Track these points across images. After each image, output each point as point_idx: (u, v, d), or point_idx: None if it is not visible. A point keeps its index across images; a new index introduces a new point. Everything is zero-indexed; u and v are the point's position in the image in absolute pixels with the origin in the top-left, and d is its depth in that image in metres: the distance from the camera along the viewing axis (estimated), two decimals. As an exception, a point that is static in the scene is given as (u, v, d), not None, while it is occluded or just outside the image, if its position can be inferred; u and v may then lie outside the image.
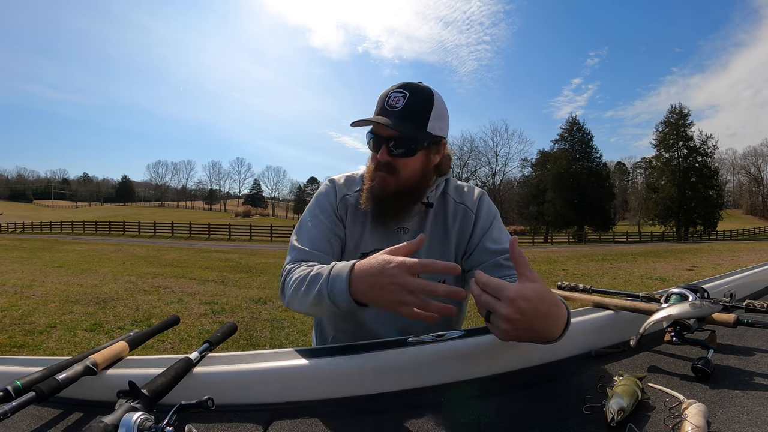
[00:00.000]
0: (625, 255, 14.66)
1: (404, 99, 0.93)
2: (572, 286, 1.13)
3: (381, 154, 0.94)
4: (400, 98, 0.94)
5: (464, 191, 1.09)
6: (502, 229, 1.06)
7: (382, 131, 0.95)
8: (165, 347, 3.95)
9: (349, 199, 1.06)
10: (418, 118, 0.94)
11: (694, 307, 0.81)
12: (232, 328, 0.89)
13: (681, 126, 42.73)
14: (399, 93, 0.94)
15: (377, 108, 0.96)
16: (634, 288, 6.88)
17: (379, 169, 0.97)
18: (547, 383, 0.73)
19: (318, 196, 1.09)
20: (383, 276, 0.69)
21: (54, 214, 70.42)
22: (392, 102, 0.93)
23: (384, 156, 0.94)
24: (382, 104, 0.95)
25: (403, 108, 0.93)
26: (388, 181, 0.96)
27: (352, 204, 1.06)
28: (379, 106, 0.96)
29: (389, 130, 0.93)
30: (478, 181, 50.79)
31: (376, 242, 1.03)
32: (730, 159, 71.00)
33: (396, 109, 0.93)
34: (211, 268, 9.83)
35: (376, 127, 0.96)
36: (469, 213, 1.05)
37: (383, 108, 0.94)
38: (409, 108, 0.93)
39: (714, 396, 0.65)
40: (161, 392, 0.58)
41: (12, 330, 4.46)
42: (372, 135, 0.97)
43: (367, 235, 1.04)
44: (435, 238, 1.05)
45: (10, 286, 7.07)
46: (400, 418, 0.62)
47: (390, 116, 0.93)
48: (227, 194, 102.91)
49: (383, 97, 0.96)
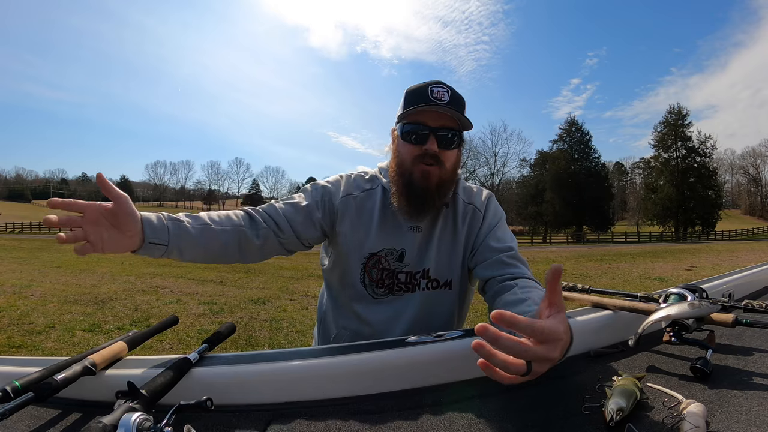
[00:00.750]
0: (624, 255, 14.67)
1: (448, 94, 0.94)
2: (571, 286, 1.13)
3: (431, 145, 0.94)
4: (443, 92, 0.93)
5: (473, 192, 1.11)
6: (506, 230, 1.07)
7: (433, 122, 0.94)
8: (164, 347, 3.95)
9: (354, 198, 1.04)
10: (461, 112, 0.95)
11: (693, 307, 0.81)
12: (230, 328, 0.89)
13: (679, 126, 42.77)
14: (442, 87, 0.94)
15: (417, 99, 0.94)
16: (633, 288, 6.89)
17: (424, 160, 0.95)
18: (546, 383, 0.73)
19: (315, 183, 1.08)
20: None
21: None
22: (437, 95, 0.93)
23: (434, 146, 0.94)
24: (425, 97, 0.93)
25: (450, 101, 0.93)
26: (433, 174, 0.95)
27: (357, 203, 1.04)
28: (421, 99, 0.94)
29: (444, 120, 0.94)
30: (477, 181, 50.81)
31: (385, 241, 1.03)
32: (728, 159, 71.12)
33: (444, 102, 0.93)
34: (210, 269, 9.80)
35: (425, 117, 0.94)
36: (477, 213, 1.07)
37: (428, 100, 0.93)
38: (455, 102, 0.94)
39: (713, 396, 0.65)
40: (160, 392, 0.58)
41: (10, 330, 4.45)
42: (416, 125, 0.95)
43: (374, 235, 1.03)
44: (444, 238, 1.05)
45: (9, 286, 7.05)
46: (399, 419, 0.62)
47: (437, 107, 0.93)
48: (226, 194, 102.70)
49: (423, 91, 0.94)
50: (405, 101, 0.98)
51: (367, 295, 1.05)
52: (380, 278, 1.04)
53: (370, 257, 1.04)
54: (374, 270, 1.04)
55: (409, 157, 0.97)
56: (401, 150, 0.99)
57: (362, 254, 1.03)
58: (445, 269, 1.05)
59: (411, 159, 0.96)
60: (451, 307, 1.09)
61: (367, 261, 1.04)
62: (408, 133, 0.96)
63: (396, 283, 1.04)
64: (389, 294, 1.05)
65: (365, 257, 1.04)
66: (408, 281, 1.04)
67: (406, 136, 0.97)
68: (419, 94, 0.94)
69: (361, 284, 1.05)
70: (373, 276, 1.04)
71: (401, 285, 1.04)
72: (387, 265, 1.03)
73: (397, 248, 1.03)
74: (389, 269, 1.03)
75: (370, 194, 1.06)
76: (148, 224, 0.80)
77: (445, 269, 1.05)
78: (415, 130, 0.95)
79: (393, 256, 1.03)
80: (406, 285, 1.04)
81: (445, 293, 1.06)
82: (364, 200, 1.05)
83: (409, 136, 0.96)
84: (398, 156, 1.00)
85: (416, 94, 0.95)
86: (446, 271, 1.05)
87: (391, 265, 1.04)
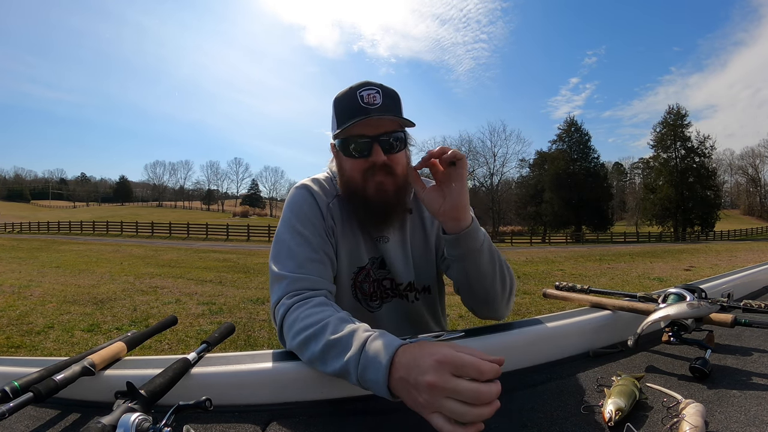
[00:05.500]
0: (623, 255, 14.68)
1: (380, 95, 0.87)
2: (570, 286, 1.13)
3: (377, 155, 0.86)
4: (375, 95, 0.86)
5: None
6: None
7: (372, 130, 0.86)
8: (163, 348, 3.94)
9: (333, 208, 0.95)
10: (398, 111, 0.90)
11: (692, 307, 0.82)
12: (230, 328, 0.89)
13: (678, 127, 42.82)
14: (372, 89, 0.87)
15: (349, 110, 0.87)
16: (632, 288, 6.90)
17: (373, 173, 0.88)
18: (545, 383, 0.73)
19: (294, 207, 0.92)
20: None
21: (51, 214, 70.19)
22: (369, 100, 0.86)
23: (380, 156, 0.86)
24: (356, 104, 0.86)
25: (383, 104, 0.86)
26: (387, 184, 0.89)
27: (338, 213, 0.95)
28: (353, 107, 0.86)
29: (384, 126, 0.87)
30: (476, 181, 50.88)
31: (369, 251, 0.99)
32: (727, 159, 71.26)
33: (376, 106, 0.86)
34: (209, 269, 9.81)
35: (362, 128, 0.86)
36: None
37: (360, 108, 0.86)
38: (388, 102, 0.88)
39: (712, 396, 0.65)
40: (159, 393, 0.58)
41: (9, 330, 4.44)
42: (355, 138, 0.87)
43: (361, 245, 0.98)
44: (417, 244, 1.02)
45: (8, 286, 7.04)
46: (398, 419, 0.61)
47: (374, 114, 0.86)
48: (225, 194, 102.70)
49: (352, 97, 0.87)
50: (336, 114, 0.90)
51: (362, 309, 1.00)
52: (372, 291, 1.00)
53: (360, 271, 0.98)
54: (365, 284, 0.99)
55: (357, 173, 0.89)
56: (346, 166, 0.91)
57: (351, 270, 0.97)
58: (424, 275, 1.03)
59: (360, 174, 0.89)
60: (434, 309, 1.08)
61: (357, 276, 0.98)
62: (348, 147, 0.88)
63: (383, 290, 1.01)
64: (382, 304, 1.02)
65: (354, 272, 0.98)
66: (393, 287, 1.02)
67: (347, 150, 0.89)
68: (349, 102, 0.87)
69: (355, 299, 0.99)
70: (365, 290, 1.00)
71: (388, 291, 1.01)
72: (374, 276, 1.00)
73: (376, 256, 1.00)
74: (376, 279, 1.00)
75: (341, 200, 0.96)
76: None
77: (424, 275, 1.03)
78: (355, 143, 0.87)
79: (375, 265, 1.00)
80: (392, 291, 1.02)
81: (426, 297, 1.05)
82: (339, 207, 0.96)
83: (351, 150, 0.88)
84: (345, 173, 0.92)
85: (346, 104, 0.88)
86: (425, 276, 1.04)
87: (376, 275, 1.00)
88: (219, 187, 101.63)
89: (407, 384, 0.55)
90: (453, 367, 0.52)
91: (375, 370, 0.58)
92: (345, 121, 0.87)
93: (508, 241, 31.82)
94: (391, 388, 0.57)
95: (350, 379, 0.62)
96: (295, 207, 0.92)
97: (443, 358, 0.52)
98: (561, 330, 0.86)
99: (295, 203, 0.93)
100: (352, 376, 0.62)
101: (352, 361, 0.62)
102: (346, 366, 0.62)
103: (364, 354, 0.61)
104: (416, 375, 0.53)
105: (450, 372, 0.51)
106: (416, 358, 0.55)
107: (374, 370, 0.58)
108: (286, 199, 0.97)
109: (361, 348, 0.62)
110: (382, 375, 0.57)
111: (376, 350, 0.60)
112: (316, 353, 0.67)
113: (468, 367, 0.51)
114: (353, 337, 0.64)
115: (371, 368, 0.59)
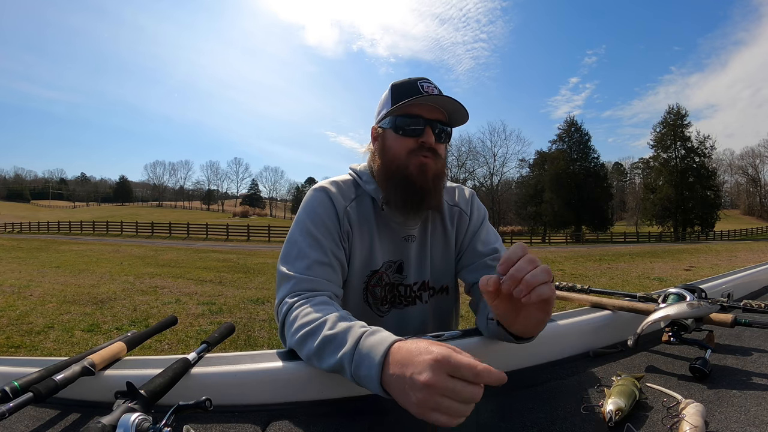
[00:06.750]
0: (623, 255, 14.68)
1: (437, 90, 0.91)
2: (570, 286, 1.14)
3: (428, 136, 0.90)
4: (433, 88, 0.91)
5: (455, 192, 1.07)
6: (490, 230, 1.06)
7: (427, 113, 0.91)
8: (163, 348, 3.94)
9: (351, 211, 0.94)
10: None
11: (692, 307, 0.82)
12: (229, 328, 0.89)
13: (678, 127, 42.84)
14: (430, 83, 0.92)
15: (408, 93, 0.90)
16: (632, 288, 6.90)
17: (421, 153, 0.90)
18: (546, 383, 0.73)
19: (309, 209, 0.92)
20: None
21: (51, 214, 70.16)
22: (428, 89, 0.90)
23: (431, 137, 0.90)
24: (416, 89, 0.90)
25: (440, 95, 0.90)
26: (430, 166, 0.91)
27: (355, 217, 0.94)
28: (413, 92, 0.90)
29: (437, 113, 0.91)
30: (476, 181, 50.92)
31: (385, 254, 0.98)
32: (727, 159, 71.25)
33: (435, 96, 0.90)
34: (209, 269, 9.80)
35: (419, 109, 0.91)
36: (464, 216, 1.04)
37: (420, 93, 0.89)
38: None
39: (712, 396, 0.65)
40: (159, 393, 0.58)
41: (9, 330, 4.44)
42: (410, 117, 0.91)
43: (377, 249, 0.96)
44: (437, 244, 1.03)
45: (8, 286, 7.04)
46: (397, 419, 0.61)
47: (434, 96, 0.90)
48: (225, 194, 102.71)
49: (412, 84, 0.91)
50: (393, 96, 0.93)
51: (371, 313, 0.99)
52: (383, 295, 0.99)
53: (372, 275, 0.97)
54: (377, 288, 0.98)
55: (404, 150, 0.91)
56: (393, 144, 0.93)
57: (364, 273, 0.96)
58: (442, 275, 1.04)
59: (405, 152, 0.91)
60: (450, 310, 1.08)
61: (369, 279, 0.97)
62: (402, 125, 0.91)
63: (397, 296, 1.00)
64: (392, 309, 1.01)
65: (367, 276, 0.97)
66: (408, 294, 1.01)
67: (400, 128, 0.92)
68: (410, 87, 0.91)
69: (365, 303, 0.98)
70: (377, 294, 0.98)
71: (401, 298, 1.00)
72: (388, 280, 0.99)
73: (395, 260, 0.99)
74: (390, 283, 0.99)
75: (360, 203, 0.96)
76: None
77: (442, 275, 1.04)
78: (409, 122, 0.91)
79: (392, 269, 0.99)
80: (406, 298, 1.01)
81: (444, 298, 1.05)
82: (358, 211, 0.96)
83: (404, 128, 0.91)
84: (389, 151, 0.94)
85: (406, 88, 0.92)
86: (443, 277, 1.04)
87: (391, 279, 0.99)
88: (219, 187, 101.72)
89: (401, 381, 0.55)
90: (450, 367, 0.51)
91: (368, 366, 0.59)
92: (403, 100, 0.90)
93: (508, 242, 31.81)
94: (383, 384, 0.57)
95: (345, 374, 0.63)
96: (310, 209, 0.92)
97: (440, 358, 0.52)
98: (561, 330, 0.86)
99: (311, 205, 0.93)
100: (346, 371, 0.62)
101: (347, 357, 0.62)
102: (340, 361, 0.63)
103: (359, 350, 0.61)
104: (412, 373, 0.53)
105: (447, 372, 0.51)
106: (412, 356, 0.55)
107: (367, 366, 0.59)
108: (302, 200, 0.97)
109: (355, 344, 0.62)
110: (375, 371, 0.58)
111: (370, 346, 0.60)
112: (312, 349, 0.68)
113: (464, 369, 0.51)
114: (349, 333, 0.65)
115: (365, 364, 0.59)
